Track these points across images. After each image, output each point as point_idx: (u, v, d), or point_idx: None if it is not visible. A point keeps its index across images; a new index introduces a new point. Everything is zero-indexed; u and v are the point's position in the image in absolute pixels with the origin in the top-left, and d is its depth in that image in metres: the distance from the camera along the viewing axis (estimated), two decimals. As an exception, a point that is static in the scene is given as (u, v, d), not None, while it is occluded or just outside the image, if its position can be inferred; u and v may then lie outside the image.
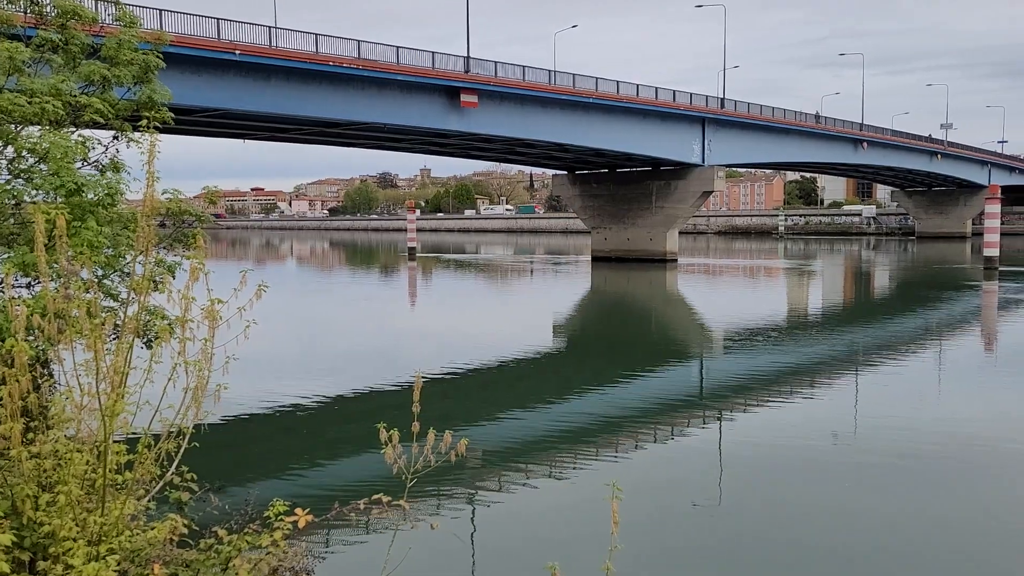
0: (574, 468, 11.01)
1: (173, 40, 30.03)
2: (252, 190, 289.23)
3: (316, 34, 36.17)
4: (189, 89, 32.36)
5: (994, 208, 48.01)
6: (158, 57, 10.97)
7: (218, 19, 33.05)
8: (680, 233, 58.97)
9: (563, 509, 9.40)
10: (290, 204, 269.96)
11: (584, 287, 43.79)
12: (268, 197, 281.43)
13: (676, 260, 55.83)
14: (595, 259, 58.40)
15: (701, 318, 30.42)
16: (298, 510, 4.02)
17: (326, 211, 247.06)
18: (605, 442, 12.30)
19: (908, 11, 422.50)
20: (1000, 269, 44.04)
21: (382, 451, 4.19)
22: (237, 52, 33.15)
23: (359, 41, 37.37)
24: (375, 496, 3.87)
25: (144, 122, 6.66)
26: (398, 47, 38.97)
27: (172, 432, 4.85)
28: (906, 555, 8.05)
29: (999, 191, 50.99)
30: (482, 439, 12.47)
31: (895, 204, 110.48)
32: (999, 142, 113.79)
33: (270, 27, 34.98)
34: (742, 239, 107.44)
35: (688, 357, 21.41)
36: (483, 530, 8.84)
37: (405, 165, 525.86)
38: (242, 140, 48.80)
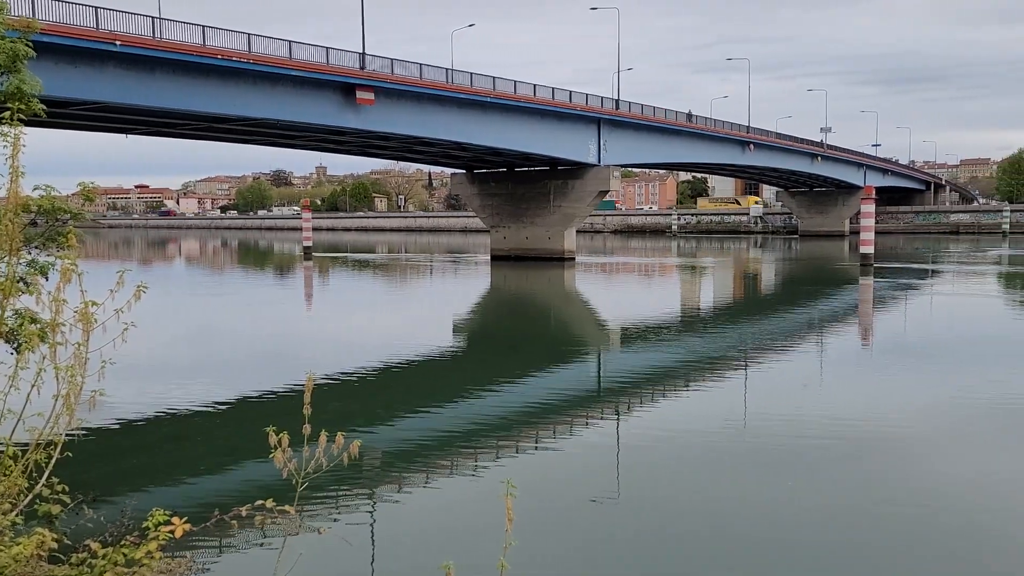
0: (474, 467, 10.99)
1: (46, 28, 28.51)
2: (136, 187, 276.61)
3: (203, 26, 34.86)
4: (64, 80, 30.67)
5: (869, 208, 50.73)
6: (28, 46, 10.30)
7: (96, 8, 31.40)
8: (578, 232, 59.86)
9: (461, 508, 9.36)
10: (178, 202, 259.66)
11: (483, 286, 43.88)
12: (154, 195, 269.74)
13: (574, 258, 56.66)
14: (494, 258, 58.61)
15: (599, 315, 30.96)
16: (175, 519, 3.82)
17: (217, 209, 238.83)
18: (505, 440, 12.32)
19: (790, 20, 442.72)
20: (875, 266, 46.60)
21: (271, 456, 4.05)
22: (118, 43, 31.60)
23: (249, 35, 36.27)
24: (258, 502, 3.72)
25: (8, 114, 6.23)
26: (291, 41, 38.04)
27: (42, 442, 4.56)
28: (799, 540, 8.37)
29: (873, 192, 53.92)
30: (381, 440, 12.29)
31: (780, 204, 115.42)
32: (873, 145, 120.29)
33: (154, 18, 33.49)
34: (637, 238, 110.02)
35: (586, 353, 21.74)
36: (379, 532, 8.70)
37: (300, 162, 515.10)
38: (124, 135, 46.58)
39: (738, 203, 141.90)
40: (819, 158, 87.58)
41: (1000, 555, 7.97)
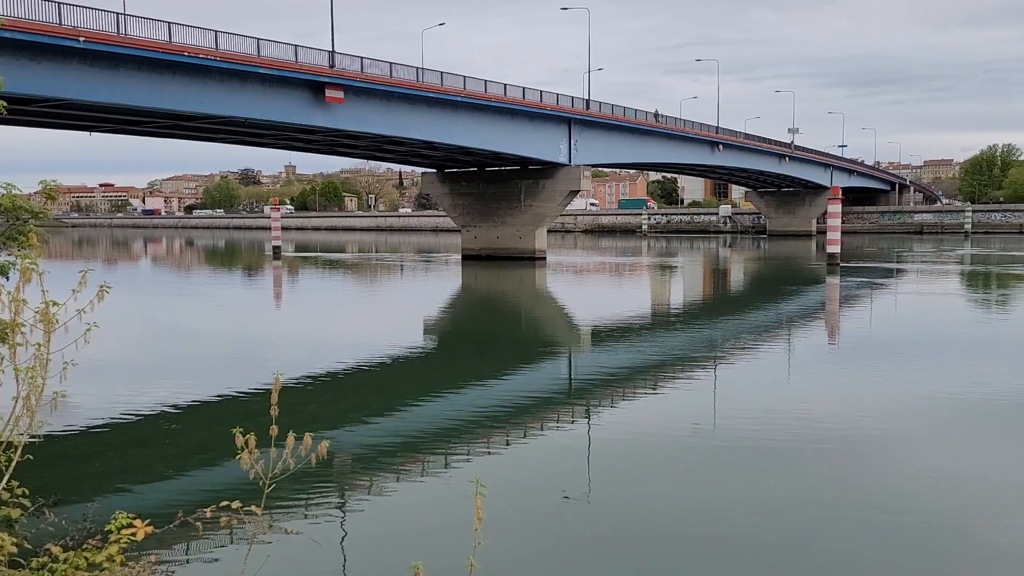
0: (444, 467, 10.95)
1: (7, 24, 28.02)
2: (101, 186, 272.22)
3: (169, 22, 34.42)
4: (26, 77, 30.14)
5: (836, 208, 51.41)
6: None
7: (59, 3, 30.84)
8: (548, 231, 59.98)
9: (431, 508, 9.33)
10: (144, 201, 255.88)
11: (455, 285, 43.80)
12: (119, 193, 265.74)
13: (545, 258, 56.76)
14: (465, 257, 58.53)
15: (570, 314, 31.04)
16: (136, 522, 3.76)
17: (183, 208, 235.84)
18: (476, 440, 12.30)
19: (759, 22, 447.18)
20: (841, 265, 47.24)
21: (238, 457, 4.00)
22: (81, 39, 31.09)
23: (216, 31, 35.86)
24: (223, 503, 3.67)
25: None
26: (259, 39, 37.67)
27: (0, 445, 4.46)
28: (769, 538, 8.44)
29: (840, 192, 54.65)
30: (351, 441, 12.20)
31: (749, 204, 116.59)
32: (839, 146, 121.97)
33: (119, 13, 32.98)
34: (608, 237, 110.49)
35: (557, 353, 21.78)
36: (349, 533, 8.63)
37: (269, 161, 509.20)
38: (88, 132, 45.83)
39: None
40: (787, 159, 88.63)
41: (967, 551, 8.11)
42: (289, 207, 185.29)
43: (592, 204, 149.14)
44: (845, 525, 8.66)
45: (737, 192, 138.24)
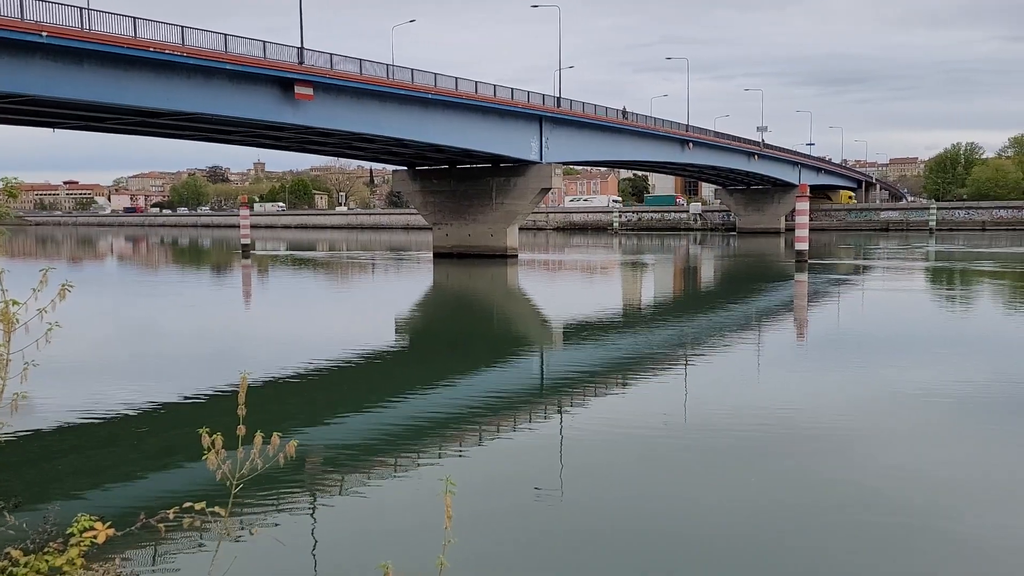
0: (416, 466, 10.90)
1: (-34, 17, 27.39)
2: (65, 183, 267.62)
3: (135, 17, 33.87)
4: (-13, 72, 29.51)
5: (804, 206, 51.95)
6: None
7: (21, -4, 30.25)
8: (520, 229, 59.99)
9: (402, 507, 9.27)
10: (109, 199, 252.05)
11: (426, 283, 43.66)
12: (84, 191, 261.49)
13: (517, 256, 56.76)
14: (437, 255, 58.37)
15: (542, 312, 31.07)
16: (97, 524, 3.68)
17: (151, 206, 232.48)
18: (447, 438, 12.26)
19: (728, 21, 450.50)
20: (809, 262, 47.78)
21: (204, 458, 3.93)
22: (44, 34, 30.50)
23: (183, 27, 35.37)
24: (187, 504, 3.60)
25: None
26: (226, 35, 37.21)
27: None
28: (739, 533, 8.49)
29: (808, 190, 55.24)
30: (321, 441, 12.10)
31: (718, 202, 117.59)
32: (807, 144, 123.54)
33: (83, 8, 32.40)
34: (579, 235, 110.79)
35: (529, 350, 21.78)
36: (319, 533, 8.56)
37: (237, 158, 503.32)
38: (51, 129, 44.99)
39: (829, 198, 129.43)
40: (756, 157, 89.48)
41: (937, 544, 8.22)
42: (281, 206, 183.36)
43: (615, 201, 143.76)
44: (816, 520, 8.74)
45: (707, 190, 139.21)
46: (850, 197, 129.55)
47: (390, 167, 67.29)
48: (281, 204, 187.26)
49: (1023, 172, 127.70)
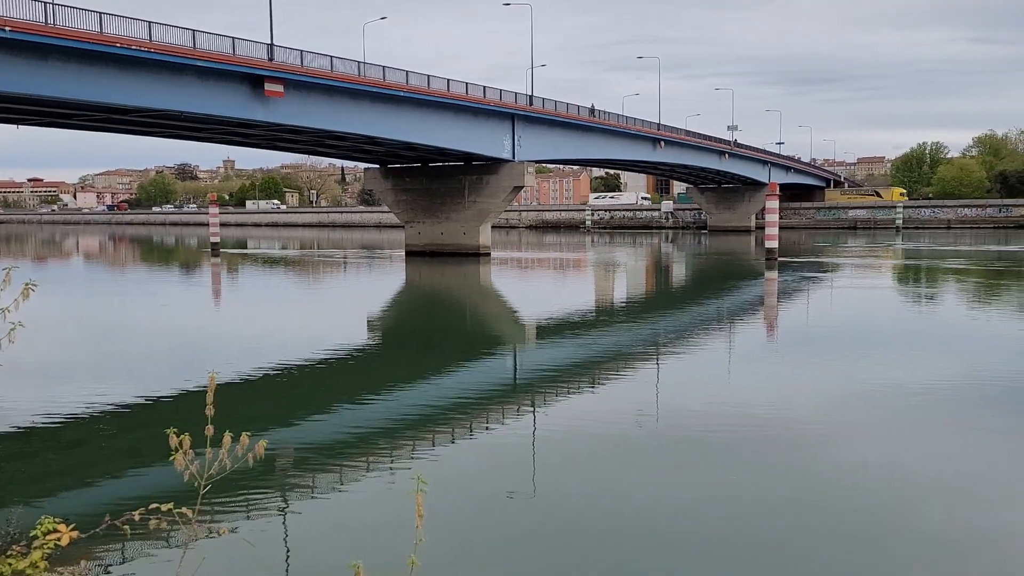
0: (388, 465, 10.85)
1: (-75, 10, 26.78)
2: (29, 181, 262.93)
3: (101, 13, 33.31)
4: (-53, 67, 28.88)
5: (773, 204, 52.46)
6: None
7: (-18, -9, 29.65)
8: (493, 227, 59.95)
9: (374, 507, 9.23)
10: (75, 196, 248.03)
11: (399, 281, 43.50)
12: (49, 189, 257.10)
13: (489, 254, 56.72)
14: (409, 253, 58.16)
15: (514, 310, 31.08)
16: (61, 526, 3.62)
17: (117, 204, 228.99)
18: (420, 437, 12.22)
19: (698, 21, 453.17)
20: (779, 260, 48.27)
21: (172, 458, 3.88)
22: (7, 29, 29.90)
23: (150, 22, 34.86)
24: (153, 505, 3.55)
25: None
26: (194, 31, 36.72)
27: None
28: (712, 529, 8.55)
29: (778, 188, 55.79)
30: (292, 440, 12.01)
31: (639, 200, 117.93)
32: (777, 143, 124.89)
33: (47, 2, 31.81)
34: (552, 233, 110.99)
35: (501, 349, 21.78)
36: (290, 534, 8.48)
37: (206, 156, 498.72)
38: (15, 125, 44.17)
39: (879, 195, 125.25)
40: (727, 155, 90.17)
41: (904, 537, 8.34)
42: (276, 203, 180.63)
43: (644, 198, 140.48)
44: (787, 514, 8.83)
45: (679, 188, 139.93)
46: (902, 194, 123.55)
47: (362, 165, 66.96)
48: (276, 202, 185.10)
49: (987, 171, 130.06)
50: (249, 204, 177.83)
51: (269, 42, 40.93)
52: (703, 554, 7.90)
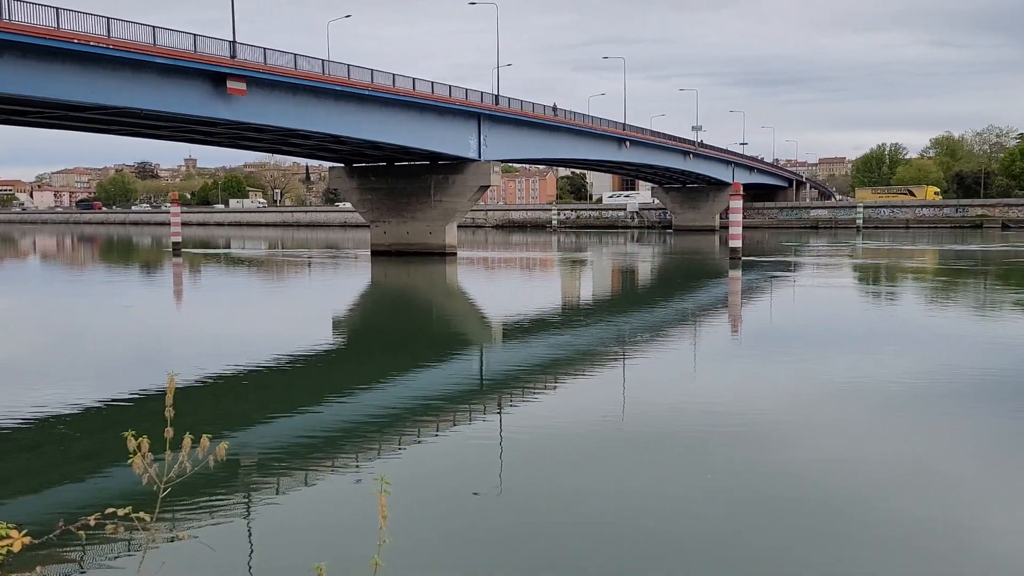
0: (354, 466, 10.75)
1: None
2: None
3: (57, 8, 32.66)
4: None
5: (737, 204, 53.04)
6: None
7: (-67, -16, 28.87)
8: (459, 227, 59.82)
9: (339, 508, 9.13)
10: (31, 195, 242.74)
11: (364, 281, 43.21)
12: (4, 187, 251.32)
13: (456, 253, 56.60)
14: (375, 253, 57.82)
15: (481, 310, 31.04)
16: (13, 532, 3.51)
17: (75, 203, 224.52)
18: (386, 438, 12.13)
19: (662, 22, 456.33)
20: (743, 259, 48.80)
21: (130, 462, 3.79)
22: (-41, 22, 29.19)
23: (109, 18, 34.22)
24: (109, 510, 3.46)
25: None
26: (155, 27, 36.13)
27: None
28: (677, 527, 8.59)
29: (741, 188, 56.41)
30: (256, 442, 11.84)
31: (655, 200, 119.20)
32: (740, 144, 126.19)
33: (1, -3, 31.09)
34: (519, 232, 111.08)
35: (469, 348, 21.73)
36: (255, 536, 8.36)
37: (167, 154, 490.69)
38: (-32, 123, 43.09)
39: (912, 194, 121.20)
40: (691, 155, 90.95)
41: (868, 531, 8.45)
42: (262, 202, 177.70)
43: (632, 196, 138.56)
44: (754, 511, 8.90)
45: (645, 188, 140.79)
46: (936, 193, 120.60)
47: (327, 164, 66.37)
48: (262, 200, 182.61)
49: (943, 172, 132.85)
50: (233, 203, 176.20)
51: (231, 39, 40.42)
52: (669, 551, 7.94)
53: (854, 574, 7.42)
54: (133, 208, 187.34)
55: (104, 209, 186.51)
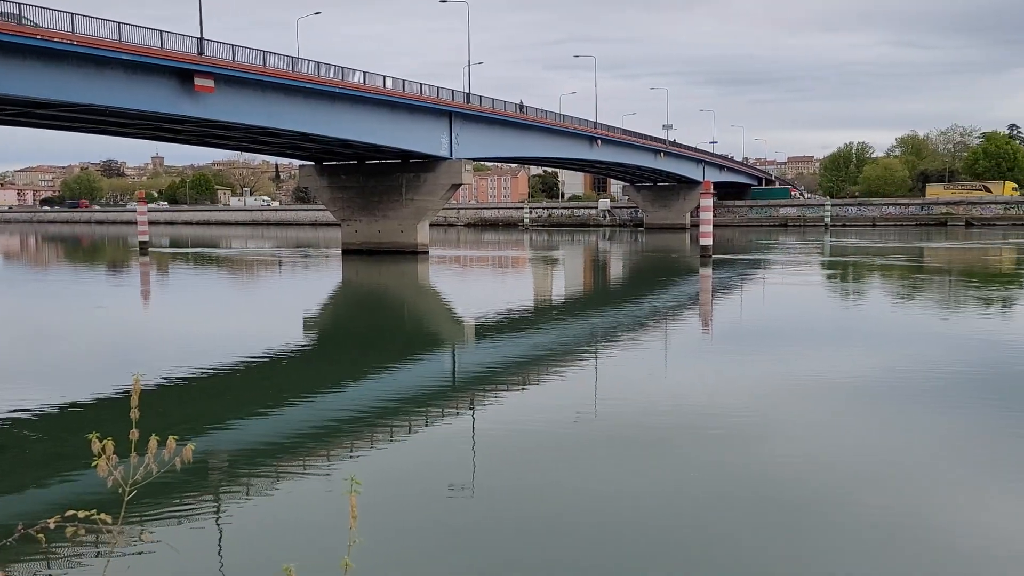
0: (326, 466, 10.66)
1: None
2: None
3: (20, 3, 32.09)
4: None
5: (707, 202, 53.40)
6: None
7: None
8: (431, 225, 59.66)
9: (309, 509, 9.05)
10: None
11: (335, 280, 42.93)
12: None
13: (427, 252, 56.44)
14: (346, 252, 57.47)
15: (453, 308, 30.97)
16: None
17: (39, 202, 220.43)
18: (358, 437, 12.05)
19: (633, 21, 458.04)
20: (713, 257, 49.18)
21: (94, 464, 3.72)
22: (-84, 16, 28.56)
23: (73, 14, 33.67)
24: (69, 512, 3.40)
25: None
26: (120, 23, 35.62)
27: None
28: (650, 524, 8.61)
29: (711, 187, 56.83)
30: (225, 443, 11.71)
31: (626, 198, 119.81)
32: (711, 143, 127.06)
33: (-40, -9, 30.49)
34: (491, 231, 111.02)
35: (441, 347, 21.67)
36: (223, 539, 8.25)
37: (134, 152, 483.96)
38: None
39: (988, 189, 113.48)
40: (662, 154, 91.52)
41: (839, 527, 8.55)
42: (266, 199, 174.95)
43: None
44: (724, 507, 8.96)
45: (616, 187, 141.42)
46: (1014, 189, 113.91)
47: (296, 162, 65.83)
48: (266, 198, 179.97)
49: (909, 171, 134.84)
50: (235, 201, 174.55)
51: (199, 36, 39.94)
52: (642, 547, 7.97)
53: (826, 570, 7.50)
54: (128, 208, 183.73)
55: (90, 207, 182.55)
